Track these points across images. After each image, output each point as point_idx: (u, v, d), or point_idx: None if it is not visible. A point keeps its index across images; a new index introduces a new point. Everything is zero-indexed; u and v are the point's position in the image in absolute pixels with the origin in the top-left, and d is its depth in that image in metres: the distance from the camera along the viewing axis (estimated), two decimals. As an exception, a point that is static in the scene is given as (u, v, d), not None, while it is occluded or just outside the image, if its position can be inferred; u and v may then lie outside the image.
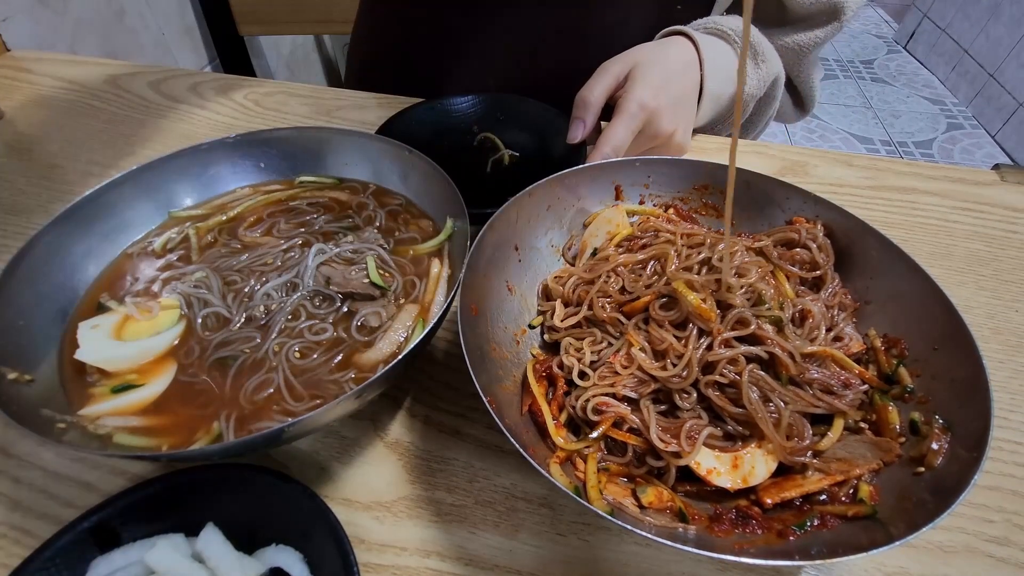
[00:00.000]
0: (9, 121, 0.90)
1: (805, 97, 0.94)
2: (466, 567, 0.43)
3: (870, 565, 0.44)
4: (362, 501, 0.47)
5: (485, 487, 0.48)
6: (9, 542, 0.44)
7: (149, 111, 0.92)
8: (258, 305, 0.52)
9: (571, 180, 0.59)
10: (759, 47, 0.78)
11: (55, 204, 0.74)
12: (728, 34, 0.77)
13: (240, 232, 0.60)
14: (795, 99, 0.95)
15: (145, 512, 0.41)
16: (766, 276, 0.50)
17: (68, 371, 0.47)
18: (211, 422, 0.45)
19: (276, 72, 2.04)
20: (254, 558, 0.39)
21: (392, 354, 0.49)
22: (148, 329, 0.50)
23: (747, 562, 0.34)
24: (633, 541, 0.45)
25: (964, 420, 0.41)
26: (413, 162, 0.61)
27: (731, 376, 0.44)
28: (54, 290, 0.51)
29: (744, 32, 0.35)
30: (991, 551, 0.45)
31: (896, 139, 3.17)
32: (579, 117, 0.71)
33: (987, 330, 0.61)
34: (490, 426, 0.51)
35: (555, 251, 0.61)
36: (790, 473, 0.44)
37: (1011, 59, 3.06)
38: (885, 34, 4.22)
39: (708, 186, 0.62)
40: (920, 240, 0.71)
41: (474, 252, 0.50)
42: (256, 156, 0.65)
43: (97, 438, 0.43)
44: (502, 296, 0.54)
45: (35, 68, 1.02)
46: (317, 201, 0.64)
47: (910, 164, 0.82)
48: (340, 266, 0.55)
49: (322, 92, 0.96)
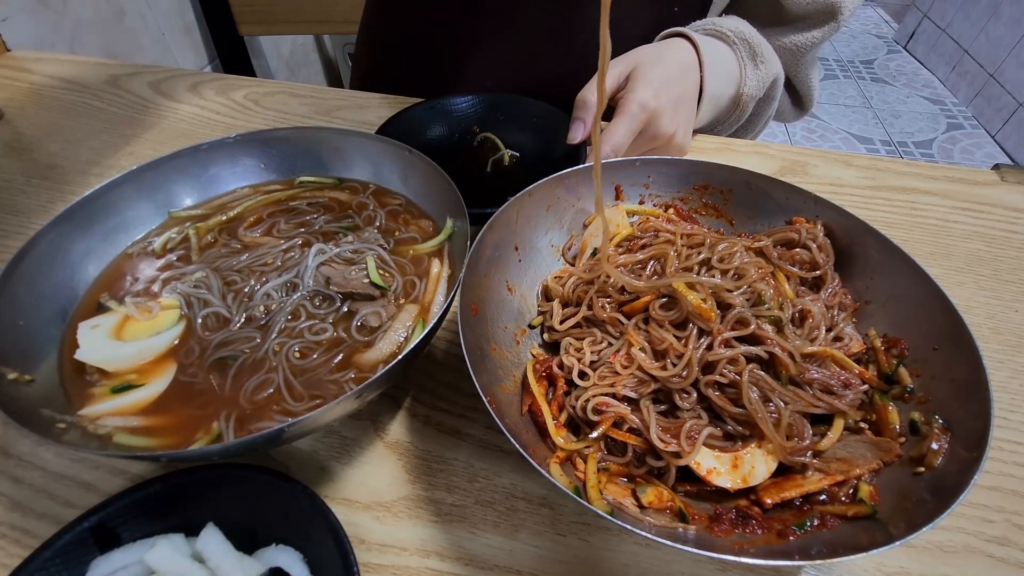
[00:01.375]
0: (9, 121, 0.90)
1: (804, 96, 0.94)
2: (466, 567, 0.43)
3: (870, 565, 0.44)
4: (362, 501, 0.47)
5: (485, 487, 0.48)
6: (9, 542, 0.44)
7: (149, 111, 0.92)
8: (258, 305, 0.52)
9: (571, 180, 0.59)
10: (758, 48, 0.78)
11: (55, 204, 0.74)
12: (727, 35, 0.77)
13: (240, 232, 0.60)
14: (794, 98, 0.96)
15: (145, 512, 0.41)
16: (766, 276, 0.50)
17: (68, 371, 0.47)
18: (211, 422, 0.45)
19: (276, 72, 2.05)
20: (254, 558, 0.39)
21: (392, 354, 0.49)
22: (148, 329, 0.50)
23: (747, 562, 0.34)
24: (633, 541, 0.45)
25: (964, 420, 0.41)
26: (413, 162, 0.61)
27: (731, 376, 0.44)
28: (54, 290, 0.51)
29: (602, 36, 0.35)
30: (991, 551, 0.45)
31: (896, 139, 3.17)
32: (579, 118, 0.71)
33: (987, 330, 0.61)
34: (490, 426, 0.51)
35: (555, 251, 0.61)
36: (790, 473, 0.44)
37: (1011, 59, 3.06)
38: (885, 34, 4.22)
39: (708, 186, 0.62)
40: (920, 240, 0.71)
41: (474, 252, 0.50)
42: (256, 156, 0.65)
43: (97, 438, 0.43)
44: (502, 296, 0.54)
45: (35, 68, 1.02)
46: (317, 201, 0.64)
47: (910, 164, 0.82)
48: (340, 266, 0.55)
49: (322, 92, 0.96)
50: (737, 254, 0.51)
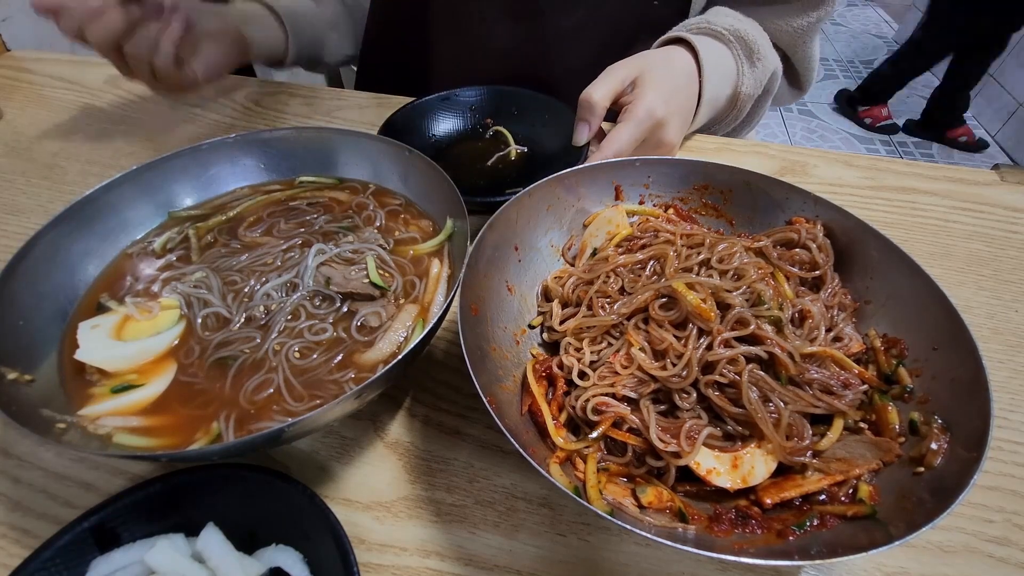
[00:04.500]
0: (9, 121, 0.90)
1: (803, 77, 0.93)
2: (466, 567, 0.43)
3: (870, 565, 0.44)
4: (362, 501, 0.47)
5: (485, 487, 0.48)
6: (9, 542, 0.44)
7: (149, 111, 0.92)
8: (258, 305, 0.52)
9: (571, 180, 0.59)
10: (754, 45, 0.78)
11: (55, 204, 0.74)
12: (723, 34, 0.77)
13: (240, 232, 0.60)
14: (791, 80, 0.95)
15: (145, 512, 0.41)
16: (765, 277, 0.50)
17: (68, 371, 0.47)
18: (211, 422, 0.45)
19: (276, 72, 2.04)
20: (254, 558, 0.39)
21: (392, 354, 0.49)
22: (148, 329, 0.50)
23: (747, 562, 0.34)
24: (633, 541, 0.45)
25: (964, 420, 0.41)
26: (413, 162, 0.61)
27: (731, 376, 0.44)
28: (54, 290, 0.51)
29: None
30: (991, 551, 0.45)
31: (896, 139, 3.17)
32: (584, 119, 0.70)
33: (987, 330, 0.61)
34: (490, 426, 0.51)
35: (555, 251, 0.61)
36: (790, 473, 0.44)
37: (1011, 59, 3.06)
38: (885, 34, 4.23)
39: (708, 186, 0.62)
40: (920, 240, 0.71)
41: (474, 252, 0.50)
42: (256, 156, 0.65)
43: (97, 438, 0.43)
44: (502, 296, 0.54)
45: (35, 68, 1.02)
46: (317, 201, 0.64)
47: (910, 164, 0.82)
48: (340, 266, 0.55)
49: (322, 92, 0.96)
50: (737, 254, 0.51)
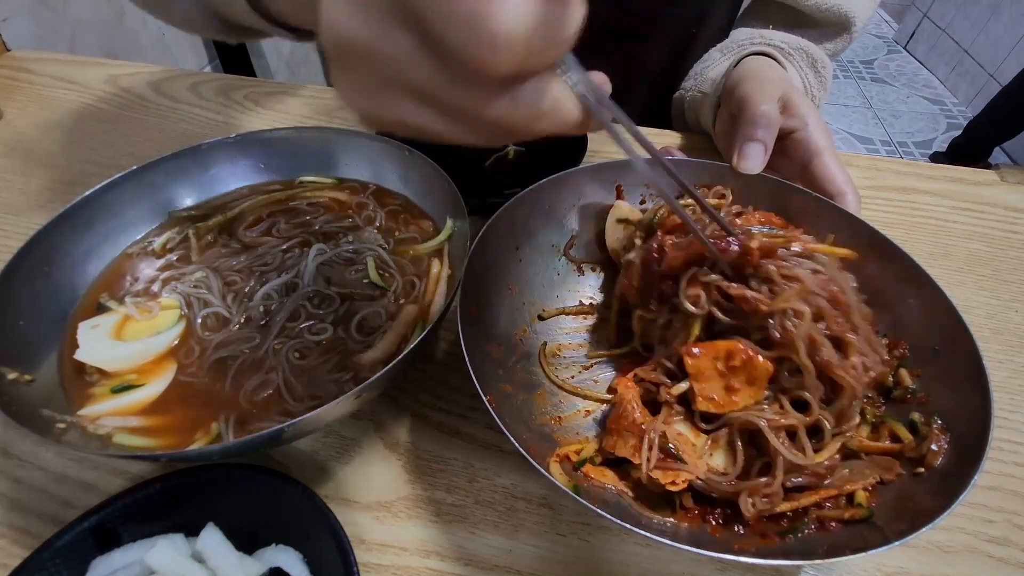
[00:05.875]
0: (9, 121, 0.90)
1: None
2: (466, 567, 0.43)
3: (870, 565, 0.44)
4: (362, 501, 0.47)
5: (485, 487, 0.48)
6: (9, 542, 0.44)
7: (149, 111, 0.92)
8: (258, 305, 0.52)
9: (571, 180, 0.59)
10: (814, 55, 0.78)
11: (55, 204, 0.74)
12: (779, 49, 0.76)
13: (240, 232, 0.60)
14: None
15: (145, 512, 0.41)
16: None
17: (68, 371, 0.47)
18: (210, 422, 0.45)
19: (276, 72, 2.04)
20: (254, 558, 0.39)
21: (392, 354, 0.49)
22: (148, 329, 0.50)
23: (747, 561, 0.34)
24: (633, 541, 0.45)
25: (964, 420, 0.41)
26: (413, 162, 0.61)
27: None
28: (54, 290, 0.51)
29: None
30: (991, 551, 0.45)
31: (896, 139, 3.17)
32: (760, 140, 0.57)
33: (987, 330, 0.61)
34: (490, 426, 0.51)
35: (555, 251, 0.61)
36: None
37: (1011, 59, 3.06)
38: (885, 34, 4.23)
39: (709, 186, 0.62)
40: (920, 240, 0.71)
41: (474, 252, 0.49)
42: (256, 156, 0.65)
43: (97, 438, 0.43)
44: (502, 296, 0.54)
45: (35, 68, 1.02)
46: (317, 201, 0.64)
47: (910, 164, 0.82)
48: (340, 266, 0.55)
49: (322, 92, 0.96)
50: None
